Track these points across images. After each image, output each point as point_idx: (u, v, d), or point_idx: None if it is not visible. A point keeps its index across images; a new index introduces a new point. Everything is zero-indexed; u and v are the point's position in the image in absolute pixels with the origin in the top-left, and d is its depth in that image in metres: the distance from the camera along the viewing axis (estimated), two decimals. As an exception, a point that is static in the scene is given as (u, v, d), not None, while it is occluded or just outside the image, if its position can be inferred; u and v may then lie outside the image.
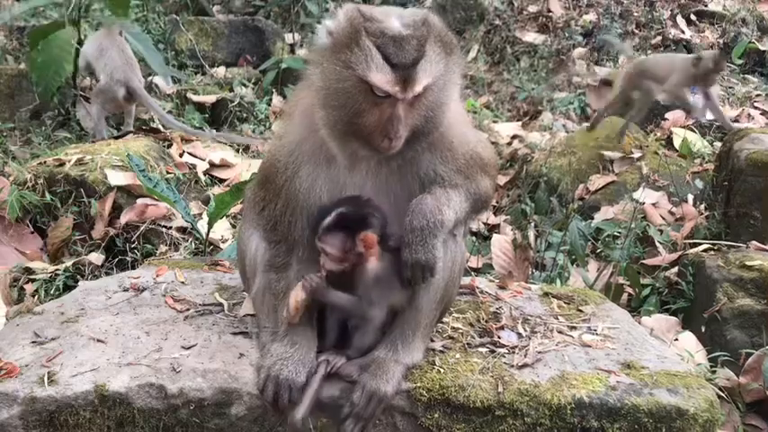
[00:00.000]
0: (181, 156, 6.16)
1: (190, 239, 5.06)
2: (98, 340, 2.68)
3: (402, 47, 2.24)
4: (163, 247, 4.96)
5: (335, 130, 2.38)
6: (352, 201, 2.43)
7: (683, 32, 8.75)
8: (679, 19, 8.87)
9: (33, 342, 2.70)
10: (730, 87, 7.85)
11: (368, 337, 2.54)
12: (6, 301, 4.22)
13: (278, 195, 2.56)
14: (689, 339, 4.11)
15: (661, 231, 5.10)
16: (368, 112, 2.31)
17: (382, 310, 2.50)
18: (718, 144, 6.30)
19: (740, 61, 8.26)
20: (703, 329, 4.17)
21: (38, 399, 2.42)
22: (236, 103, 7.32)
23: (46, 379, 2.47)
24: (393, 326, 2.54)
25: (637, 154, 6.21)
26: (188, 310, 2.93)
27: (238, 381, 2.49)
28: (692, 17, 8.96)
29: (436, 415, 2.47)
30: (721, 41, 8.63)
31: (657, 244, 4.94)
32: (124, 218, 5.04)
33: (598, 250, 5.10)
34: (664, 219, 5.37)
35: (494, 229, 5.60)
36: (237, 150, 6.81)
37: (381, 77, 2.24)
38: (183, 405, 2.44)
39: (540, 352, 2.69)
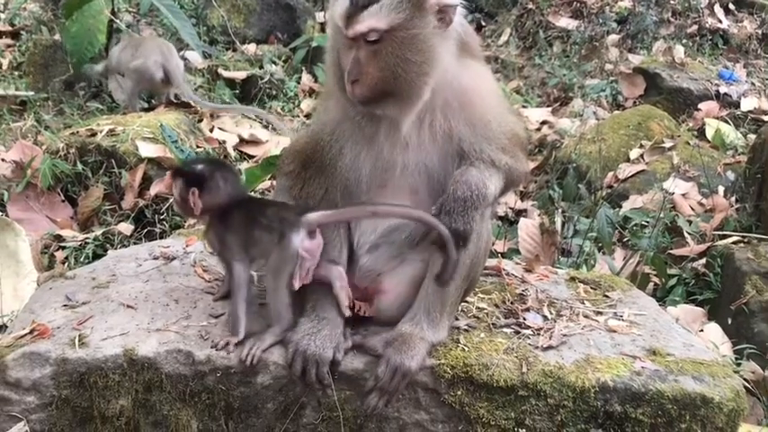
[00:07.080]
0: (211, 131, 6.20)
1: (218, 213, 5.09)
2: (128, 306, 2.73)
3: None
4: (191, 220, 5.00)
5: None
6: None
7: (720, 22, 8.57)
8: (717, 8, 8.68)
9: (65, 306, 2.76)
10: (767, 79, 7.69)
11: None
12: (38, 267, 4.29)
13: (321, 173, 2.57)
14: (714, 330, 4.08)
15: (690, 222, 5.03)
16: (342, 60, 2.42)
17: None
18: (751, 136, 6.19)
19: (778, 52, 8.11)
20: (729, 321, 4.13)
21: (69, 360, 2.47)
22: (265, 80, 7.34)
23: (77, 341, 2.52)
24: (417, 301, 2.55)
25: (668, 143, 6.13)
26: (216, 280, 2.96)
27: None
28: (731, 6, 8.77)
29: (459, 392, 2.49)
30: (760, 32, 8.45)
31: (686, 234, 4.88)
32: (154, 189, 5.09)
33: (625, 239, 5.05)
34: (693, 210, 5.29)
35: (521, 213, 5.57)
36: (267, 127, 6.84)
37: (337, 9, 2.35)
38: (210, 372, 2.48)
39: (565, 335, 2.68)
